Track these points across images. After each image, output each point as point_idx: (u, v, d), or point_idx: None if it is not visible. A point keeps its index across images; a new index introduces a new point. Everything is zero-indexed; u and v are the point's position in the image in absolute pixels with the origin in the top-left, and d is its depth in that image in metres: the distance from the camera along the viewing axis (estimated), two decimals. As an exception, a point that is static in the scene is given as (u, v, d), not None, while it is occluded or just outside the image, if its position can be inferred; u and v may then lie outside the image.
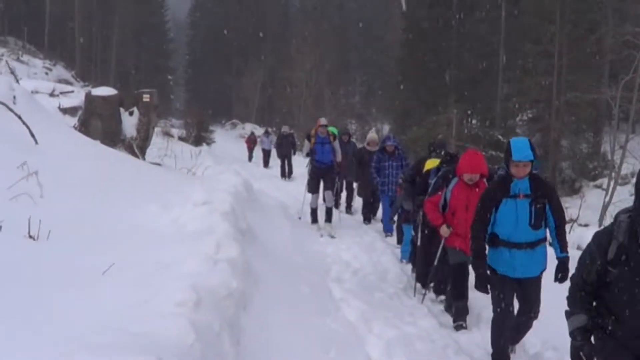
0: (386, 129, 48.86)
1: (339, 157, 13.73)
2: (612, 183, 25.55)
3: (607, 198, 24.40)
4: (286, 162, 25.88)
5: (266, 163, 32.35)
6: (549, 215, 6.12)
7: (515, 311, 6.33)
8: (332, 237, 12.73)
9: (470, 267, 7.02)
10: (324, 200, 13.69)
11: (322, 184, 13.73)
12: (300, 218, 14.41)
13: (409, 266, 10.57)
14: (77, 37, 57.90)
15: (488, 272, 6.16)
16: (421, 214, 9.06)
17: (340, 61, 61.83)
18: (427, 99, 40.77)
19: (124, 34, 64.43)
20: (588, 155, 33.74)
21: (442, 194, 7.89)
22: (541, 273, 6.27)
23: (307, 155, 13.75)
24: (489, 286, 6.13)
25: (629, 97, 27.02)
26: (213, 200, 8.66)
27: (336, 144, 13.79)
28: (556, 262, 6.14)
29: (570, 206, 22.00)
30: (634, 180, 4.96)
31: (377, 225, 14.57)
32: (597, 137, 34.45)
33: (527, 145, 5.89)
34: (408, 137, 34.46)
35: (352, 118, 51.84)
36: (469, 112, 40.03)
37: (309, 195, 13.85)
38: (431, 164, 9.48)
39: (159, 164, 14.30)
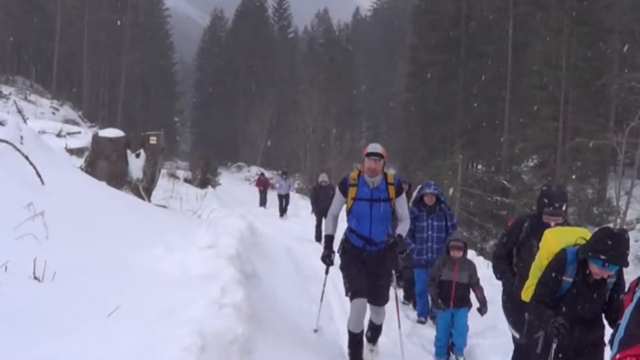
0: (392, 172, 48.93)
1: (403, 230, 7.11)
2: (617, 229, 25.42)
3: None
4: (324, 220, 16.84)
5: (283, 211, 26.89)
6: None
7: None
8: None
9: None
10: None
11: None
12: (316, 331, 8.16)
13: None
14: (85, 78, 58.49)
15: None
16: None
17: (347, 105, 62.26)
18: (432, 144, 41.03)
19: (132, 76, 65.09)
20: (593, 201, 33.74)
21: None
22: None
23: (324, 242, 7.55)
24: None
25: (634, 143, 27.22)
26: (218, 244, 8.64)
27: (402, 205, 7.10)
28: None
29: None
30: (639, 226, 4.71)
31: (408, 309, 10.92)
32: (603, 182, 34.57)
33: None
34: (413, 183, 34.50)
35: (358, 162, 51.95)
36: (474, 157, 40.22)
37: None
38: (567, 236, 5.14)
39: (164, 207, 14.30)
